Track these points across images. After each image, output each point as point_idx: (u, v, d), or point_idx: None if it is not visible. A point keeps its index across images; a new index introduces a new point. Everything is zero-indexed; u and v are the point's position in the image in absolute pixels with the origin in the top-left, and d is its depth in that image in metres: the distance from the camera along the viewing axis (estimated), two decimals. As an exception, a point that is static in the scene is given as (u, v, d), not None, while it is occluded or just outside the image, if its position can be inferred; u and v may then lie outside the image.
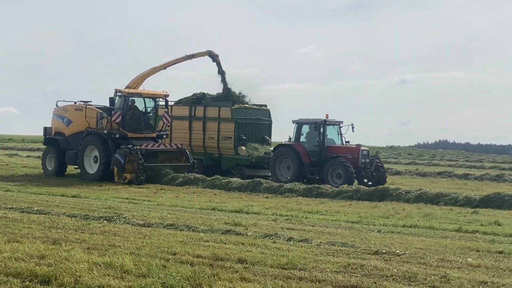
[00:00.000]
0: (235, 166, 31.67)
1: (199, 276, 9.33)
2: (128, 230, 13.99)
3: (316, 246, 12.42)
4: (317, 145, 29.12)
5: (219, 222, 15.61)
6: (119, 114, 29.32)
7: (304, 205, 20.96)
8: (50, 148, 31.76)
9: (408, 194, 22.59)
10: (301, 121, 30.08)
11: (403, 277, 9.77)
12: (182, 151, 29.66)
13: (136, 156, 27.66)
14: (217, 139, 32.37)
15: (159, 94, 30.54)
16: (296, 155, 29.08)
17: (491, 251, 12.31)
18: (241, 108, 32.47)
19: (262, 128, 33.02)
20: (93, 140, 29.42)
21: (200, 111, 33.12)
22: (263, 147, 32.24)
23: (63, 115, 31.57)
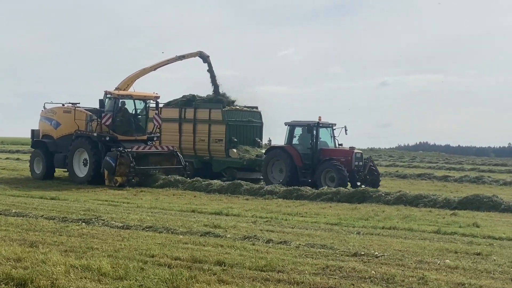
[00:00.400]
0: (226, 169, 31.34)
1: (177, 278, 9.29)
2: (107, 232, 13.91)
3: (295, 248, 12.41)
4: (310, 148, 28.81)
5: (199, 224, 15.56)
6: (109, 116, 28.84)
7: (284, 207, 20.96)
8: (38, 151, 31.08)
9: (388, 196, 22.65)
10: (293, 123, 29.71)
11: (381, 279, 9.79)
12: (173, 154, 29.27)
13: (127, 159, 27.19)
14: (208, 141, 31.95)
15: (150, 95, 30.09)
16: (288, 157, 28.74)
17: (469, 252, 12.36)
18: (232, 110, 32.04)
19: (253, 130, 32.64)
20: (82, 143, 28.88)
21: (190, 113, 32.69)
22: (254, 149, 31.84)
23: (51, 118, 30.93)
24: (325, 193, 23.67)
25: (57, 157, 29.96)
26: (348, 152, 28.59)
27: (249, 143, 32.12)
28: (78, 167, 29.00)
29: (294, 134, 29.54)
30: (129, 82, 31.59)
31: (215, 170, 31.54)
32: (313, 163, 28.60)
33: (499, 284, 9.62)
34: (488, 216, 19.32)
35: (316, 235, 14.42)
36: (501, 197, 21.94)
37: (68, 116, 30.12)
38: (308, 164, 28.68)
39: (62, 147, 29.95)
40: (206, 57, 33.31)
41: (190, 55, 33.36)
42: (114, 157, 27.21)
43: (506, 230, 15.91)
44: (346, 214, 19.11)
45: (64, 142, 29.91)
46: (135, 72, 32.06)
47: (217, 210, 19.03)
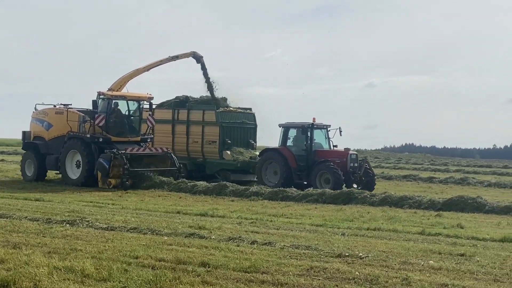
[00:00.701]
0: (220, 170, 31.00)
1: (161, 280, 9.27)
2: (91, 233, 13.86)
3: (279, 249, 12.41)
4: (305, 149, 28.63)
5: (183, 225, 15.53)
6: (103, 117, 28.50)
7: (270, 208, 20.96)
8: (29, 152, 30.68)
9: (373, 197, 22.70)
10: (287, 125, 29.52)
11: (365, 280, 9.80)
12: (167, 155, 28.90)
13: (121, 161, 26.82)
14: (201, 143, 31.72)
15: (143, 96, 29.74)
16: (283, 159, 28.55)
17: (452, 253, 12.41)
18: (226, 112, 31.77)
19: (247, 132, 32.34)
20: (75, 144, 28.52)
21: (184, 114, 32.48)
22: (248, 151, 31.60)
23: (42, 119, 30.52)
24: (311, 195, 23.69)
25: (49, 159, 29.58)
26: (343, 154, 28.41)
27: (243, 144, 31.89)
28: (71, 169, 28.68)
29: (289, 136, 29.32)
30: (122, 83, 31.24)
31: (209, 172, 31.25)
32: (308, 165, 28.40)
33: (482, 285, 9.66)
34: (472, 217, 19.41)
35: (301, 236, 14.43)
36: (485, 199, 22.07)
37: (60, 117, 29.72)
38: (303, 166, 28.49)
39: (54, 148, 29.57)
40: (199, 57, 32.96)
41: (183, 56, 33.00)
42: (108, 159, 26.90)
43: (489, 231, 15.99)
44: (331, 215, 19.13)
45: (56, 143, 29.55)
46: (128, 73, 31.70)
47: (202, 211, 19.01)
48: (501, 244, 14.00)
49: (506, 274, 10.46)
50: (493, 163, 65.21)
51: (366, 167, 28.84)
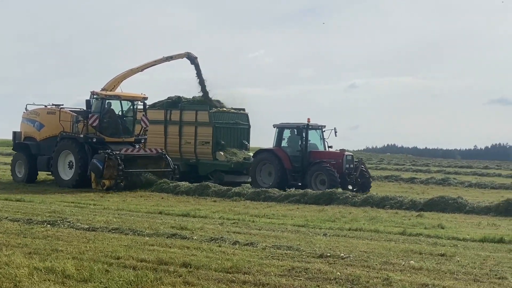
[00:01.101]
0: (213, 172, 30.73)
1: (142, 280, 9.26)
2: (72, 234, 13.80)
3: (261, 250, 12.41)
4: (300, 150, 28.38)
5: (165, 226, 15.50)
6: (96, 118, 28.13)
7: (252, 208, 20.97)
8: (20, 153, 30.25)
9: (355, 198, 22.77)
10: (282, 126, 29.24)
11: (346, 280, 9.83)
12: (162, 156, 28.51)
13: (115, 162, 26.38)
14: (194, 144, 31.49)
15: (138, 96, 29.41)
16: (277, 160, 28.29)
17: (433, 253, 12.47)
18: (219, 112, 31.56)
19: (240, 132, 32.17)
20: (68, 145, 28.14)
21: (176, 115, 32.23)
22: (242, 152, 31.41)
23: (34, 119, 30.09)
24: (293, 195, 23.73)
25: (41, 159, 29.17)
26: (339, 155, 28.21)
27: (236, 145, 31.69)
28: (63, 169, 28.27)
29: (283, 137, 29.05)
30: (115, 83, 30.84)
31: (202, 173, 31.02)
32: (303, 166, 28.15)
33: (462, 285, 9.73)
34: (453, 217, 19.52)
35: (283, 236, 14.44)
36: (466, 199, 22.20)
37: (52, 117, 29.33)
38: (298, 167, 28.23)
39: (45, 149, 29.19)
40: (193, 58, 32.77)
41: (177, 56, 32.76)
42: (102, 160, 26.47)
43: (470, 231, 16.09)
44: (313, 215, 19.16)
45: (47, 144, 29.15)
46: (122, 73, 31.37)
47: (184, 212, 18.98)
48: (481, 244, 14.09)
49: (486, 274, 10.53)
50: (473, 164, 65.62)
51: (362, 168, 28.60)
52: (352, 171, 28.06)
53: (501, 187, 33.75)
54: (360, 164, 28.73)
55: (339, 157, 28.02)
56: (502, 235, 14.94)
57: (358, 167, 28.37)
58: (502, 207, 20.54)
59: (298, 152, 28.46)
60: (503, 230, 16.77)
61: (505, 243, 14.22)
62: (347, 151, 28.92)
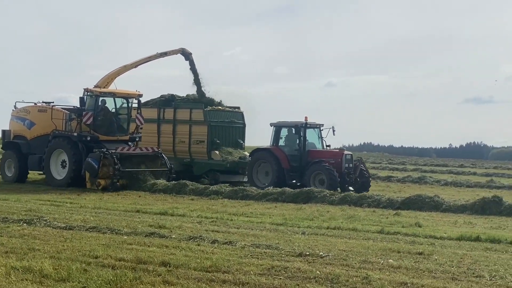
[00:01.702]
0: (208, 171, 30.26)
1: (121, 279, 9.19)
2: (49, 233, 13.68)
3: (240, 249, 12.39)
4: (298, 149, 27.96)
5: (143, 224, 15.43)
6: (91, 115, 27.46)
7: (230, 207, 20.94)
8: (9, 152, 29.41)
9: (333, 196, 22.84)
10: (279, 124, 28.78)
11: (326, 279, 9.83)
12: (158, 155, 27.94)
13: (111, 161, 25.73)
14: (189, 143, 30.94)
15: (133, 94, 28.76)
16: (275, 160, 27.84)
17: (411, 252, 12.52)
18: (214, 110, 31.01)
19: (236, 131, 31.64)
20: (61, 144, 27.38)
21: (170, 113, 31.69)
22: (237, 151, 30.89)
23: (24, 117, 29.35)
24: (271, 193, 23.74)
25: (32, 159, 28.48)
26: (338, 154, 27.78)
27: (232, 144, 31.18)
28: (56, 169, 27.59)
29: (280, 135, 28.62)
30: (109, 79, 30.10)
31: (197, 173, 30.52)
32: (301, 165, 27.69)
33: (440, 283, 9.77)
34: (430, 216, 19.64)
35: (262, 235, 14.43)
36: (443, 197, 22.35)
37: (43, 115, 28.68)
38: (296, 167, 27.78)
39: (36, 148, 28.51)
40: (188, 54, 32.21)
41: (172, 52, 32.10)
42: (97, 159, 25.79)
43: (447, 230, 16.20)
44: (291, 214, 19.18)
45: (38, 142, 28.47)
46: (115, 69, 30.68)
47: (162, 210, 18.91)
48: (458, 243, 14.18)
49: (464, 273, 10.59)
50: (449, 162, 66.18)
51: (361, 168, 28.20)
52: (352, 171, 27.62)
53: (476, 185, 34.05)
54: (360, 163, 28.28)
55: (338, 156, 27.59)
56: (479, 234, 15.06)
57: (357, 167, 27.97)
58: (478, 205, 20.72)
59: (296, 151, 28.04)
60: (479, 228, 16.91)
61: (481, 242, 14.33)
62: (346, 150, 28.55)
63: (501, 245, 13.89)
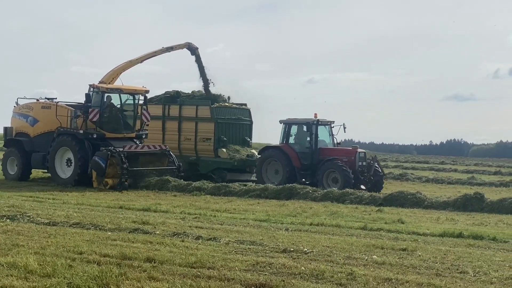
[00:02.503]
0: (215, 169, 29.56)
1: (107, 275, 9.17)
2: (32, 229, 13.61)
3: (224, 245, 12.41)
4: (309, 147, 27.31)
5: (127, 220, 15.40)
6: (97, 112, 26.66)
7: (213, 203, 20.95)
8: (12, 150, 28.57)
9: (315, 193, 22.90)
10: (289, 121, 28.16)
11: (311, 275, 9.87)
12: (165, 153, 27.25)
13: (118, 159, 25.00)
14: (195, 140, 30.26)
15: (140, 90, 27.96)
16: (285, 158, 27.22)
17: (395, 248, 12.60)
18: (221, 107, 30.35)
19: (243, 128, 31.01)
20: (66, 141, 26.58)
21: (175, 110, 31.00)
22: (244, 149, 30.27)
23: (26, 114, 28.52)
24: (253, 190, 23.78)
25: (35, 156, 27.69)
26: (351, 152, 27.13)
27: (239, 142, 30.55)
28: (60, 167, 26.78)
29: (291, 133, 27.98)
30: (114, 75, 29.34)
31: (203, 171, 29.77)
32: (312, 164, 27.10)
33: (424, 279, 9.84)
34: (412, 212, 19.77)
35: (245, 231, 14.46)
36: (424, 194, 22.53)
37: (47, 112, 27.83)
38: (307, 165, 27.17)
39: (40, 145, 27.73)
40: (194, 49, 31.53)
41: (178, 47, 31.44)
42: (104, 157, 25.05)
43: (429, 226, 16.31)
44: (274, 210, 19.22)
45: (42, 140, 27.69)
46: (120, 64, 29.90)
47: (145, 207, 18.89)
48: (441, 239, 14.28)
49: (448, 269, 10.67)
50: (430, 159, 66.52)
51: (375, 166, 27.37)
52: (365, 169, 26.96)
53: (457, 182, 34.32)
54: (374, 162, 27.55)
55: (351, 154, 26.95)
56: (461, 230, 15.18)
57: (372, 166, 27.16)
58: (460, 202, 20.89)
59: (307, 149, 27.42)
60: (462, 225, 17.05)
61: (464, 238, 14.44)
62: (359, 148, 27.93)
63: (484, 242, 14.02)
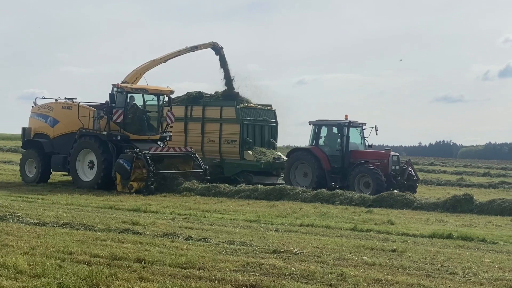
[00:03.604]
0: (240, 172, 28.64)
1: (97, 276, 9.15)
2: (22, 229, 13.58)
3: (214, 245, 12.41)
4: (340, 150, 26.50)
5: (117, 221, 15.38)
6: (121, 113, 25.82)
7: (202, 204, 20.93)
8: (31, 151, 27.61)
9: (305, 194, 22.90)
10: (319, 123, 27.32)
11: (301, 276, 9.89)
12: (191, 156, 26.37)
13: (144, 162, 24.26)
14: (219, 142, 29.30)
15: (165, 90, 27.06)
16: (315, 160, 26.34)
17: (385, 249, 12.63)
18: (247, 108, 29.45)
19: (268, 130, 30.12)
20: (89, 143, 25.73)
21: (198, 111, 29.99)
22: (270, 151, 29.41)
23: (46, 114, 27.51)
24: (243, 191, 23.75)
25: (55, 158, 26.82)
26: (384, 155, 26.34)
27: (264, 144, 29.71)
28: (82, 170, 25.97)
29: (321, 135, 27.23)
30: (137, 75, 28.51)
31: (228, 174, 28.96)
32: (343, 167, 26.33)
33: (414, 280, 9.87)
34: (401, 213, 19.82)
35: (236, 232, 14.46)
36: (414, 195, 22.54)
37: (68, 112, 26.90)
38: (337, 168, 26.44)
39: (60, 147, 26.87)
40: (219, 48, 30.81)
41: (202, 46, 30.64)
42: (129, 160, 24.16)
43: (419, 227, 16.36)
44: (264, 211, 19.23)
45: (62, 141, 26.80)
46: (143, 64, 29.10)
47: (134, 207, 18.88)
48: (430, 240, 14.33)
49: (438, 270, 10.71)
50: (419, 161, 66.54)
51: (409, 171, 26.60)
52: (398, 173, 26.21)
53: (447, 183, 34.39)
54: (408, 165, 26.77)
55: (384, 157, 26.17)
56: (451, 231, 15.23)
57: (405, 170, 26.40)
58: (449, 203, 20.95)
59: (338, 151, 26.61)
60: (451, 226, 17.10)
61: (453, 239, 14.49)
62: (392, 150, 26.93)
63: (473, 243, 14.08)
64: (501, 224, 17.62)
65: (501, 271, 10.81)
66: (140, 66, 29.03)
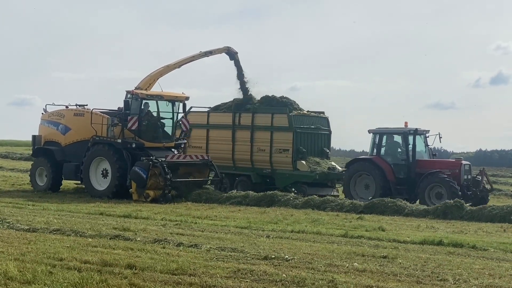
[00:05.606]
0: (293, 183, 26.95)
1: (87, 282, 9.15)
2: (12, 235, 13.56)
3: (205, 252, 12.40)
4: (404, 159, 25.21)
5: (107, 227, 15.36)
6: (136, 120, 25.38)
7: (194, 210, 20.92)
8: (41, 159, 27.07)
9: (296, 200, 22.92)
10: (380, 131, 26.00)
11: (292, 282, 9.89)
12: (207, 164, 25.96)
13: (161, 170, 23.86)
14: (270, 151, 27.71)
15: (180, 96, 26.63)
16: (379, 171, 25.03)
17: (376, 255, 12.64)
18: (300, 115, 27.94)
19: (321, 138, 28.53)
20: (102, 151, 25.21)
21: (247, 118, 28.46)
22: (324, 161, 27.89)
23: (57, 121, 27.05)
24: (234, 197, 23.75)
25: (67, 167, 26.27)
26: (455, 164, 24.95)
27: (317, 153, 28.12)
28: (95, 178, 25.43)
29: (383, 144, 25.92)
30: (151, 81, 27.64)
31: (279, 185, 27.27)
32: (409, 177, 25.06)
33: (405, 286, 9.89)
34: (392, 220, 19.83)
35: (227, 238, 14.46)
36: (405, 202, 22.54)
37: (80, 119, 26.44)
38: (403, 179, 25.13)
39: (72, 155, 26.35)
40: (234, 53, 29.96)
41: (217, 51, 29.83)
42: (145, 168, 23.72)
43: (410, 234, 16.38)
44: (255, 217, 19.22)
45: (74, 149, 26.31)
46: (157, 70, 28.21)
47: (125, 213, 18.86)
48: (421, 247, 14.34)
49: (428, 276, 10.73)
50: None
51: (483, 181, 25.18)
52: (470, 183, 24.76)
53: (437, 190, 34.36)
54: (483, 175, 25.39)
55: (455, 166, 24.74)
56: (441, 238, 15.24)
57: (480, 181, 25.07)
58: (440, 210, 20.98)
59: (403, 161, 25.30)
60: (442, 232, 17.12)
61: (444, 246, 14.50)
62: (463, 159, 25.80)
63: (464, 249, 14.10)
64: (492, 231, 17.65)
65: (491, 277, 10.84)
66: (154, 72, 28.24)
